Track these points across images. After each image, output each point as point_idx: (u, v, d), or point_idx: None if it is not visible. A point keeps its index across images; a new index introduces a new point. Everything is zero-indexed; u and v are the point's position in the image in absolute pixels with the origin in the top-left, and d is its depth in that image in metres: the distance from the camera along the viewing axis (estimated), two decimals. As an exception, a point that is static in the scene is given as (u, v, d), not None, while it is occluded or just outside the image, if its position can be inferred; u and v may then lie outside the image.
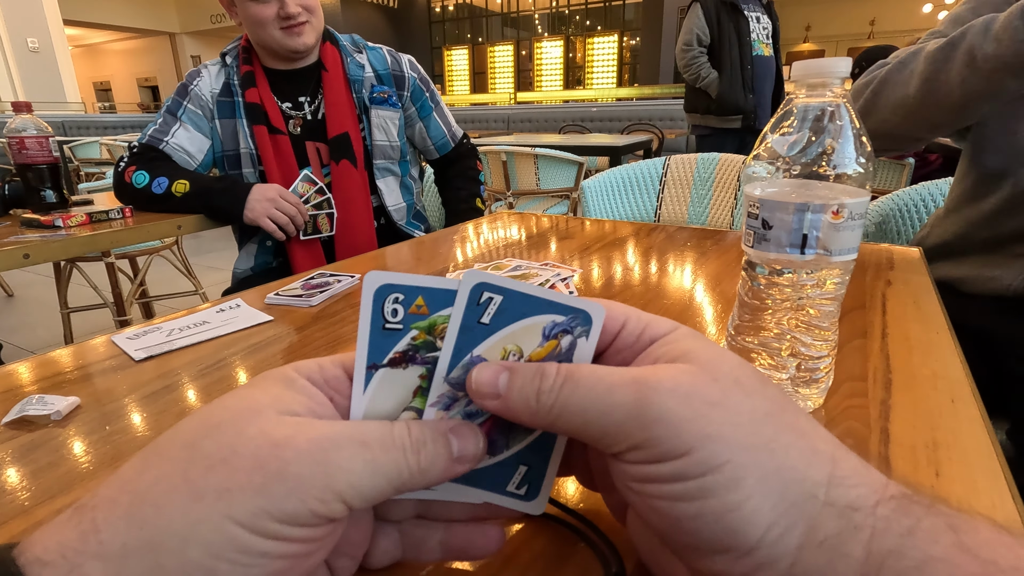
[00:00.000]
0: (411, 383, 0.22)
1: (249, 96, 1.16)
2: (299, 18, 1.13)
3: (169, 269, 2.30)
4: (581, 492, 0.31)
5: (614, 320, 0.23)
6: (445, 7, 13.17)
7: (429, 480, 0.20)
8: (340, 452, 0.18)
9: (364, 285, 0.21)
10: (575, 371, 0.20)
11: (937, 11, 11.42)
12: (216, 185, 1.12)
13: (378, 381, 0.21)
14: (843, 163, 0.33)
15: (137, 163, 1.14)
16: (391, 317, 0.21)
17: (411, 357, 0.22)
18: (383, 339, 0.21)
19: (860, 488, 0.18)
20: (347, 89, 1.21)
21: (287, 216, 1.10)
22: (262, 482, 0.17)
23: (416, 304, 0.21)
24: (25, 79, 9.16)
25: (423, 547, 0.25)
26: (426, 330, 0.21)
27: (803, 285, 0.36)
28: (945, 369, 0.44)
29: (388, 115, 1.25)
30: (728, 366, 0.20)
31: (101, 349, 0.52)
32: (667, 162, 1.47)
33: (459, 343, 0.21)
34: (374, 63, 1.26)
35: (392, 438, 0.20)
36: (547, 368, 0.20)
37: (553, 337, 0.21)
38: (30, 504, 0.31)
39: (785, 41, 4.39)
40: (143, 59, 16.85)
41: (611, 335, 0.23)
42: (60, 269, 2.07)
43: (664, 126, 4.99)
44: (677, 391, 0.18)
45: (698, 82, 2.77)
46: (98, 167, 4.32)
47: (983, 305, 0.81)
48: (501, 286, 0.21)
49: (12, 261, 0.94)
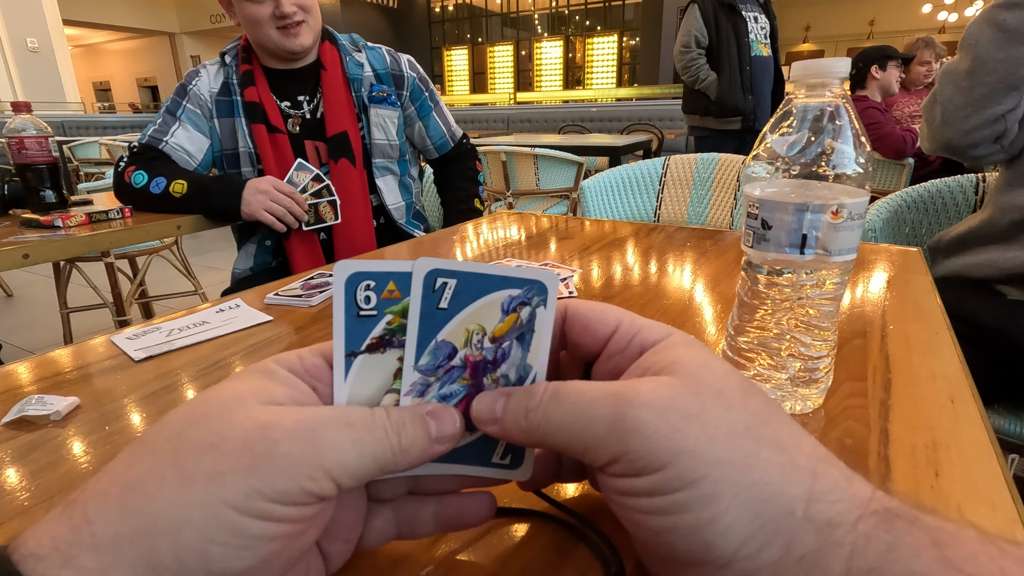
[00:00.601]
0: (391, 366, 0.22)
1: (248, 95, 1.16)
2: (294, 17, 1.12)
3: (168, 269, 2.30)
4: (581, 492, 0.31)
5: (606, 325, 0.23)
6: (445, 7, 13.17)
7: (412, 460, 0.21)
8: (327, 432, 0.19)
9: (335, 275, 0.21)
10: (561, 387, 0.21)
11: (937, 11, 11.42)
12: (213, 185, 1.12)
13: (358, 367, 0.22)
14: (842, 163, 0.33)
15: (136, 163, 1.14)
16: (364, 304, 0.21)
17: (388, 341, 0.22)
18: (359, 326, 0.22)
19: (841, 504, 0.18)
20: (346, 88, 1.21)
21: (283, 207, 1.09)
22: (252, 463, 0.18)
23: (388, 289, 0.22)
24: (24, 79, 9.15)
25: (416, 522, 0.25)
26: (400, 314, 0.22)
27: (803, 285, 0.36)
28: (945, 369, 0.44)
29: (387, 114, 1.25)
30: (711, 377, 0.20)
31: (100, 349, 0.52)
32: (667, 162, 1.47)
33: (422, 331, 0.22)
34: (373, 62, 1.26)
35: (374, 419, 0.20)
36: (536, 388, 0.21)
37: (512, 311, 0.22)
38: (30, 504, 0.31)
39: (785, 41, 4.40)
40: (142, 59, 16.85)
41: (602, 340, 0.23)
42: (59, 269, 2.07)
43: (664, 126, 4.99)
44: (654, 405, 0.18)
45: (697, 84, 2.75)
46: (97, 167, 4.32)
47: (1000, 291, 0.83)
48: (453, 269, 0.21)
49: (11, 261, 0.94)
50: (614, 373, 0.23)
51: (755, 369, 0.39)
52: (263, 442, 0.18)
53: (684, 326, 0.53)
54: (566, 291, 0.63)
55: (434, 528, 0.25)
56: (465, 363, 0.23)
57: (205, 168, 1.21)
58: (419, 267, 0.21)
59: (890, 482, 0.31)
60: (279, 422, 0.19)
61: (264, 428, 0.18)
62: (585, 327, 0.23)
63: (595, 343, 0.23)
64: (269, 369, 0.21)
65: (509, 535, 0.28)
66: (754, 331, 0.39)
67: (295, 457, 0.18)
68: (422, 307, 0.22)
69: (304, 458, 0.18)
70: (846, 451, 0.34)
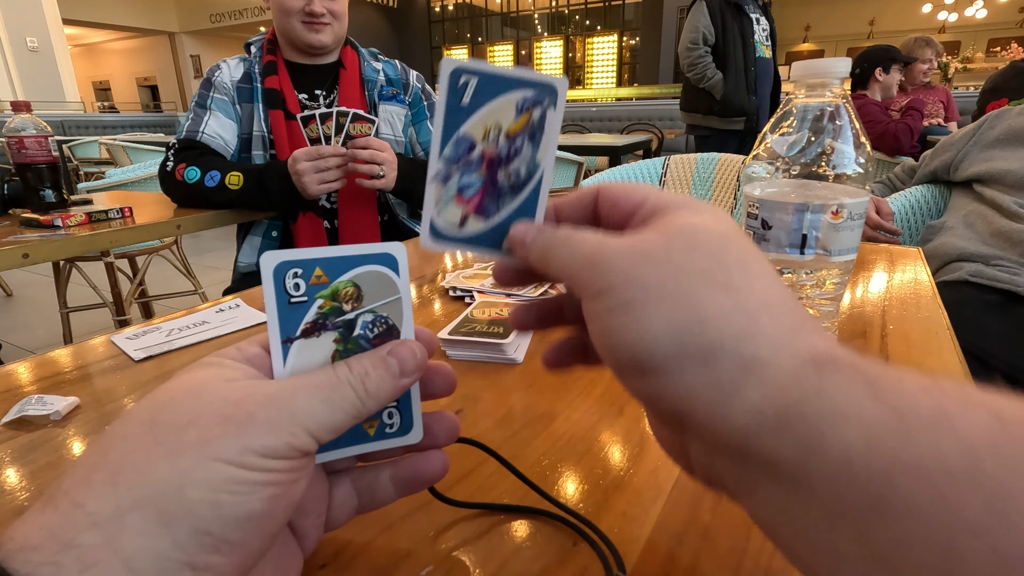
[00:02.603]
0: (327, 349, 0.23)
1: (268, 83, 1.20)
2: (322, 19, 1.19)
3: (168, 269, 2.30)
4: (581, 492, 0.31)
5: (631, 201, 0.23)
6: (445, 7, 13.16)
7: (382, 401, 0.22)
8: (297, 397, 0.20)
9: (261, 266, 0.22)
10: (575, 233, 0.22)
11: (937, 11, 11.42)
12: (266, 171, 1.12)
13: (295, 353, 0.23)
14: (842, 163, 0.33)
15: (186, 160, 1.16)
16: (294, 291, 0.22)
17: (322, 325, 0.23)
18: (291, 313, 0.22)
19: (773, 345, 0.17)
20: (361, 88, 1.28)
21: (329, 167, 1.07)
22: (236, 429, 0.19)
23: (315, 275, 0.22)
24: (24, 78, 9.15)
25: (376, 487, 0.26)
26: (330, 297, 0.23)
27: (803, 285, 0.36)
28: (945, 369, 0.44)
29: (395, 110, 1.29)
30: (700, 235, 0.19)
31: (100, 349, 0.52)
32: (667, 162, 1.47)
33: (446, 123, 0.23)
34: (387, 70, 1.33)
35: (337, 377, 0.21)
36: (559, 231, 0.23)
37: (525, 110, 0.24)
38: (29, 504, 0.31)
39: (785, 41, 4.37)
40: (142, 59, 16.84)
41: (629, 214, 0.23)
42: (59, 269, 2.07)
43: (664, 126, 4.99)
44: (624, 249, 0.20)
45: (702, 82, 2.70)
46: (97, 167, 4.32)
47: None
48: (476, 68, 0.23)
49: (11, 261, 0.94)
50: None
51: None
52: (242, 413, 0.19)
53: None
54: (566, 291, 0.63)
55: (394, 493, 0.26)
56: (482, 157, 0.24)
57: (237, 154, 1.23)
58: (446, 65, 0.23)
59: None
60: (251, 396, 0.20)
61: (238, 403, 0.19)
62: (614, 204, 0.23)
63: (623, 217, 0.23)
64: (215, 361, 0.22)
65: (509, 535, 0.28)
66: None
67: (275, 419, 0.19)
68: (447, 102, 0.23)
69: (282, 420, 0.19)
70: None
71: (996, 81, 1.85)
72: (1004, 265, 0.99)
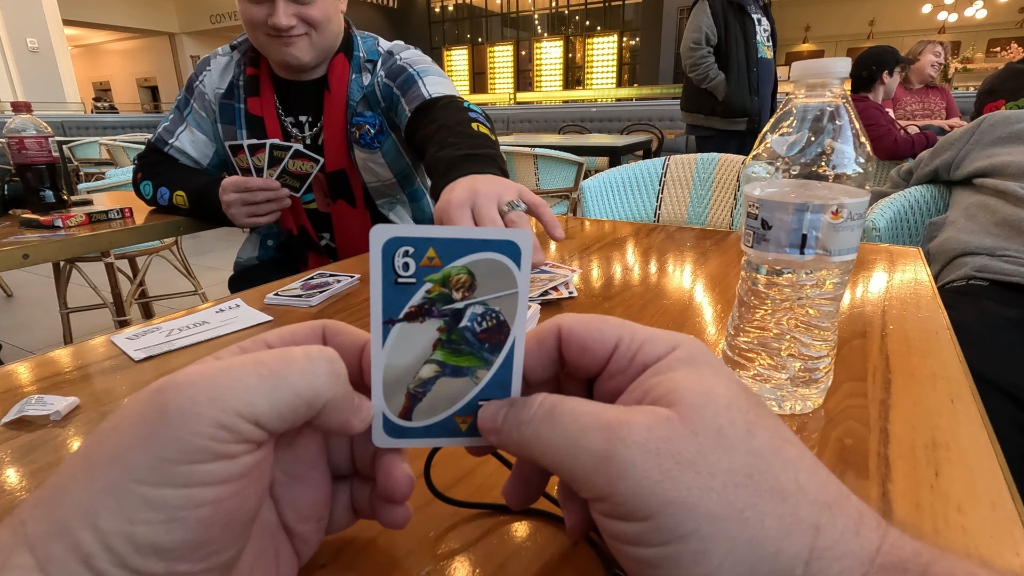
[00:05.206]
0: (430, 336, 0.22)
1: (251, 106, 1.08)
2: (292, 31, 0.98)
3: (168, 269, 2.30)
4: (581, 492, 0.31)
5: (604, 344, 0.21)
6: (445, 7, 13.17)
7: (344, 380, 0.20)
8: (228, 374, 0.18)
9: (371, 239, 0.20)
10: (557, 405, 0.20)
11: (937, 11, 11.42)
12: (204, 195, 1.05)
13: (396, 335, 0.21)
14: (842, 163, 0.33)
15: (143, 170, 1.14)
16: (402, 271, 0.21)
17: (427, 311, 0.21)
18: (397, 293, 0.21)
19: (844, 560, 0.16)
20: (345, 118, 1.08)
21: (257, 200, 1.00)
22: (146, 434, 0.17)
23: (428, 256, 0.21)
24: (24, 79, 9.15)
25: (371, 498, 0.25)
26: (440, 282, 0.21)
27: (803, 285, 0.36)
28: (945, 369, 0.44)
29: (368, 156, 1.09)
30: (713, 410, 0.18)
31: (100, 349, 0.52)
32: (667, 162, 1.47)
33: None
34: (373, 84, 1.09)
35: (291, 353, 0.19)
36: (532, 400, 0.20)
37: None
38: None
39: (785, 41, 4.38)
40: (142, 59, 16.84)
41: (602, 361, 0.22)
42: (59, 269, 2.07)
43: (664, 126, 4.99)
44: (647, 446, 0.17)
45: (705, 83, 2.68)
46: (97, 167, 4.32)
47: None
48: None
49: (11, 261, 0.94)
50: (615, 392, 0.22)
51: (755, 369, 0.39)
52: (153, 407, 0.17)
53: (684, 326, 0.53)
54: (566, 291, 0.63)
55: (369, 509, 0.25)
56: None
57: (215, 168, 1.18)
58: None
59: (891, 482, 0.31)
60: (171, 380, 0.17)
61: (156, 392, 0.17)
62: (583, 348, 0.22)
63: (595, 364, 0.22)
64: (214, 357, 0.21)
65: (509, 535, 0.28)
66: (754, 331, 0.39)
67: (187, 411, 0.17)
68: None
69: (199, 409, 0.17)
70: (846, 451, 0.34)
71: (993, 83, 1.86)
72: (1011, 256, 0.98)
